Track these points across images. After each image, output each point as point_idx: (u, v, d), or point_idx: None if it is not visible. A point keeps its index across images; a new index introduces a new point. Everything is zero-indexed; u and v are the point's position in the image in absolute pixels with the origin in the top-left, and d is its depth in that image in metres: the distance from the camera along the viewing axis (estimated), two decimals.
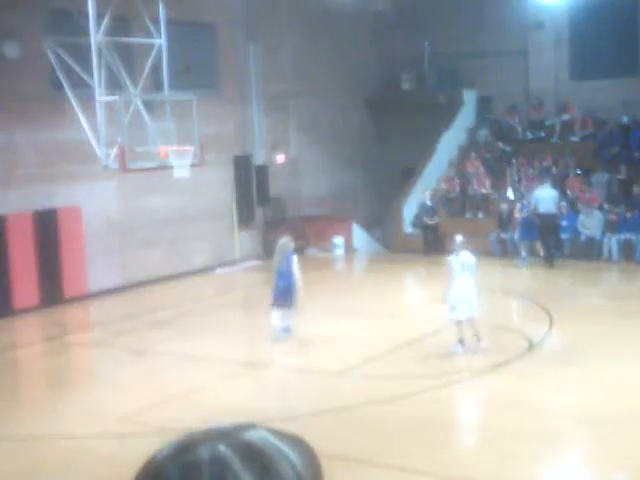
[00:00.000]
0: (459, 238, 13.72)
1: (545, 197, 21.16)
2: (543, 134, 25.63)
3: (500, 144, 25.58)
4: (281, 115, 24.78)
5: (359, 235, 25.26)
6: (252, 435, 1.28)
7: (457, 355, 13.62)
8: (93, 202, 19.57)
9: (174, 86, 18.39)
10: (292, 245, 15.41)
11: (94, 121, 17.28)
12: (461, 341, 13.62)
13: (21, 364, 15.54)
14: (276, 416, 10.53)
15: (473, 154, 25.31)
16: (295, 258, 15.03)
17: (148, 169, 17.81)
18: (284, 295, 14.91)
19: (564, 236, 21.61)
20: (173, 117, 17.68)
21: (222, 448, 1.24)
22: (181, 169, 17.66)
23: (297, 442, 1.33)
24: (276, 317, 15.10)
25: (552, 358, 13.60)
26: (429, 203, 23.70)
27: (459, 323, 13.64)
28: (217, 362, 14.02)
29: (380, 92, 27.92)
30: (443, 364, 13.28)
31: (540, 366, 13.20)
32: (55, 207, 18.90)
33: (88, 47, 16.84)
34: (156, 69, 18.47)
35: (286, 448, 1.29)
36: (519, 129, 26.04)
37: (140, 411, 11.58)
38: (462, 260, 13.45)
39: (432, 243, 23.16)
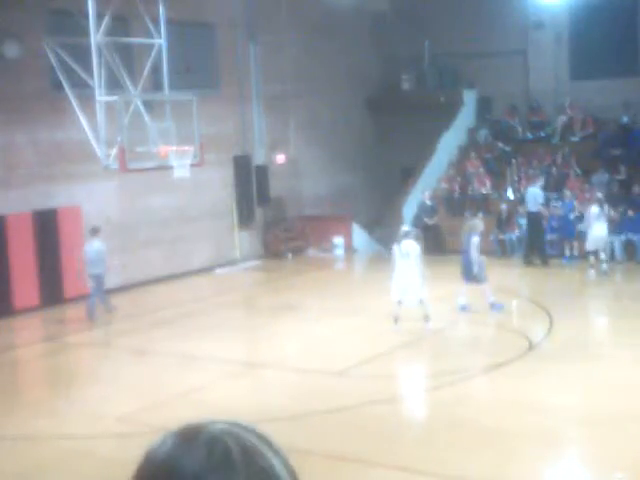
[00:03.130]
0: (404, 228, 15.67)
1: (531, 195, 21.31)
2: (543, 134, 25.63)
3: (500, 144, 25.59)
4: (281, 115, 24.78)
5: (359, 235, 25.25)
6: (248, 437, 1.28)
7: (427, 333, 14.83)
8: (93, 202, 19.57)
9: (174, 86, 18.39)
10: (481, 227, 16.89)
11: (94, 121, 17.28)
12: (396, 320, 14.84)
13: (21, 364, 15.54)
14: (276, 416, 10.53)
15: (473, 154, 25.31)
16: (476, 239, 16.24)
17: (148, 169, 17.81)
18: (469, 271, 16.33)
19: (553, 236, 21.64)
20: (173, 117, 17.67)
21: (222, 425, 1.25)
22: (181, 169, 17.66)
23: (269, 441, 1.32)
24: (462, 292, 16.49)
25: (552, 358, 13.59)
26: (429, 203, 23.69)
27: (397, 303, 14.90)
28: (217, 362, 14.02)
29: (380, 92, 27.92)
30: (443, 364, 13.29)
31: (540, 366, 13.19)
32: (55, 207, 18.90)
33: (88, 47, 16.84)
34: (156, 69, 18.47)
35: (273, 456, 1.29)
36: (519, 129, 26.04)
37: (140, 411, 11.58)
38: (403, 249, 14.87)
39: (432, 243, 23.14)
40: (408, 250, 14.84)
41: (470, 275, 16.29)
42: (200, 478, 1.20)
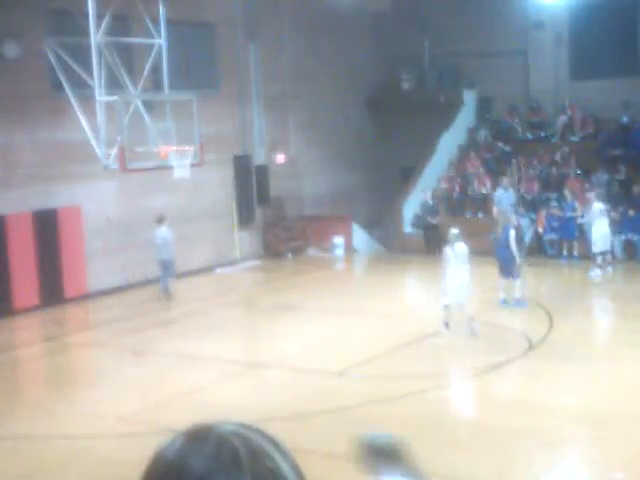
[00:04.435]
0: (454, 231, 15.12)
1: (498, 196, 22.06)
2: (543, 134, 25.64)
3: (500, 144, 25.58)
4: (281, 115, 24.78)
5: (359, 235, 25.26)
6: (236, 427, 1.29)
7: (442, 336, 14.57)
8: (93, 202, 19.57)
9: (174, 86, 18.39)
10: (513, 219, 17.21)
11: (94, 121, 17.29)
12: (446, 324, 14.73)
13: (21, 364, 15.54)
14: (276, 416, 10.53)
15: (473, 154, 25.31)
16: (513, 232, 16.43)
17: (148, 169, 17.82)
18: (505, 266, 16.47)
19: (553, 236, 21.76)
20: (173, 117, 17.68)
21: (230, 426, 1.25)
22: (181, 169, 17.66)
23: (276, 442, 1.32)
24: (501, 287, 16.72)
25: (552, 358, 13.59)
26: (431, 202, 23.69)
27: (447, 307, 14.75)
28: (217, 362, 14.02)
29: (380, 92, 27.91)
30: (443, 364, 13.29)
31: (540, 366, 13.20)
32: (55, 207, 18.90)
33: (88, 47, 16.85)
34: (156, 69, 18.47)
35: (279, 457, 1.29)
36: (519, 129, 26.04)
37: (140, 411, 11.58)
38: (456, 251, 14.69)
39: (434, 243, 23.17)
40: (461, 252, 14.73)
41: (510, 270, 16.37)
42: (208, 478, 1.21)
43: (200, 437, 1.26)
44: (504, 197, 22.04)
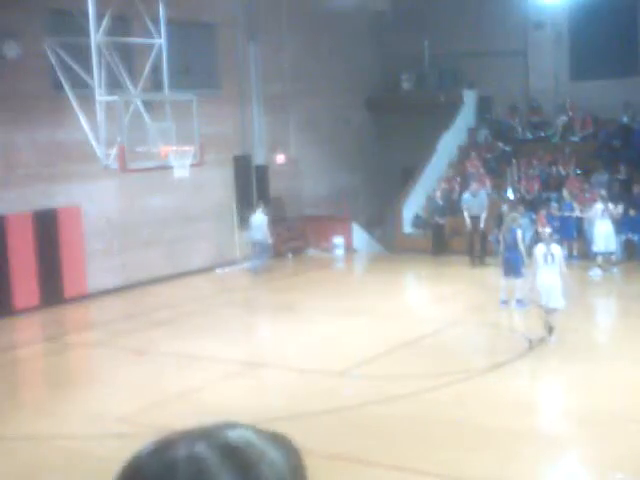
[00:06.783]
0: (548, 230, 15.06)
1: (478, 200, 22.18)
2: (543, 134, 25.64)
3: (500, 144, 25.58)
4: (281, 115, 24.77)
5: (359, 235, 25.25)
6: (234, 434, 1.27)
7: (548, 343, 13.96)
8: (93, 202, 19.57)
9: (174, 86, 18.39)
10: (520, 221, 17.52)
11: (94, 121, 17.29)
12: (550, 329, 14.02)
13: (21, 364, 15.53)
14: (276, 416, 10.53)
15: (473, 154, 25.30)
16: (519, 233, 16.59)
17: (148, 169, 17.81)
18: (509, 266, 16.50)
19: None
20: (173, 117, 17.68)
21: (201, 447, 1.23)
22: (181, 169, 17.66)
23: (282, 442, 1.31)
24: (503, 287, 16.71)
25: (552, 358, 13.59)
26: (440, 202, 23.65)
27: (544, 310, 14.10)
28: (217, 362, 14.01)
29: (380, 92, 27.91)
30: (443, 364, 13.28)
31: (540, 366, 13.20)
32: (55, 207, 18.89)
33: (88, 47, 16.85)
34: (156, 69, 18.48)
35: (269, 448, 1.27)
36: (519, 129, 26.04)
37: (140, 411, 11.58)
38: (551, 252, 14.26)
39: (441, 243, 23.19)
40: (554, 254, 14.31)
41: (516, 270, 16.35)
42: None
43: (165, 448, 1.26)
44: (472, 202, 21.95)
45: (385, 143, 27.50)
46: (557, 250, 14.41)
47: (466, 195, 22.33)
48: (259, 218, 21.44)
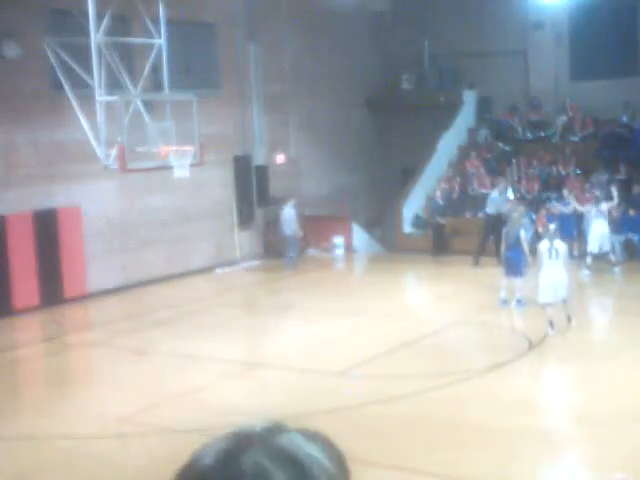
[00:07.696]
0: (552, 226, 15.09)
1: (491, 200, 22.12)
2: (543, 134, 25.64)
3: (500, 144, 25.58)
4: (281, 115, 24.77)
5: (359, 235, 25.25)
6: (284, 440, 1.31)
7: (551, 336, 14.20)
8: (93, 202, 19.56)
9: (174, 86, 18.39)
10: (523, 220, 17.54)
11: (94, 121, 17.29)
12: (551, 323, 14.34)
13: (21, 364, 15.53)
14: (276, 416, 10.51)
15: (473, 154, 25.30)
16: (523, 232, 16.62)
17: (148, 169, 17.81)
18: (510, 265, 16.45)
19: None
20: (173, 117, 17.68)
21: (264, 459, 1.27)
22: (181, 169, 17.66)
23: (324, 442, 1.36)
24: (503, 286, 16.68)
25: (552, 358, 13.59)
26: (440, 202, 23.64)
27: (548, 306, 14.45)
28: (217, 362, 14.01)
29: (380, 92, 27.91)
30: (443, 364, 13.28)
31: (540, 366, 13.19)
32: (55, 207, 18.89)
33: (88, 47, 16.85)
34: (156, 69, 18.48)
35: (316, 451, 1.32)
36: (519, 129, 26.04)
37: (140, 411, 11.58)
38: (555, 247, 14.42)
39: (440, 243, 23.18)
40: (558, 249, 14.52)
41: (518, 270, 16.35)
42: None
43: (230, 460, 1.27)
44: (499, 200, 21.80)
45: (385, 143, 27.50)
46: (561, 246, 14.51)
47: (494, 194, 22.11)
48: (288, 213, 21.86)
